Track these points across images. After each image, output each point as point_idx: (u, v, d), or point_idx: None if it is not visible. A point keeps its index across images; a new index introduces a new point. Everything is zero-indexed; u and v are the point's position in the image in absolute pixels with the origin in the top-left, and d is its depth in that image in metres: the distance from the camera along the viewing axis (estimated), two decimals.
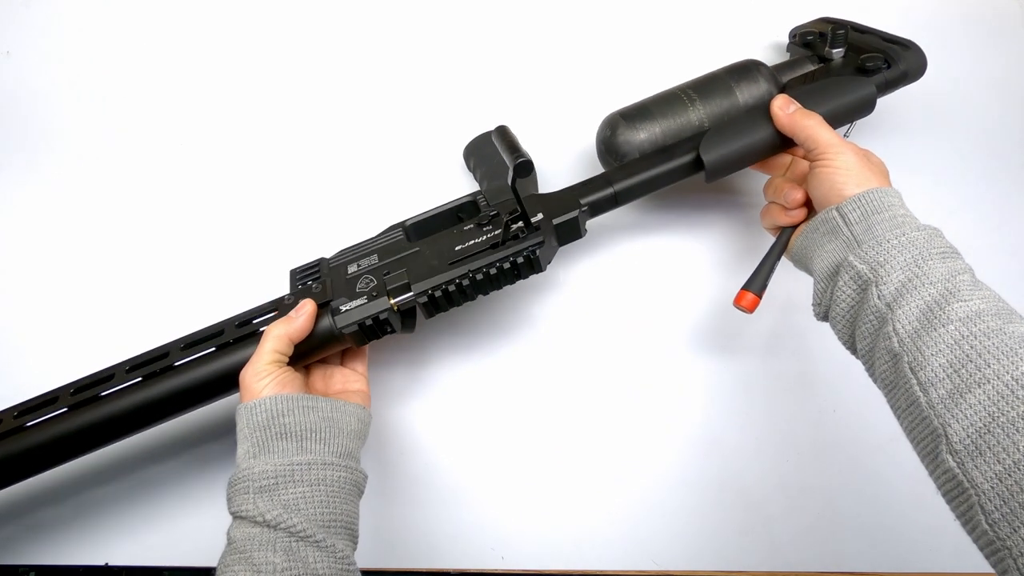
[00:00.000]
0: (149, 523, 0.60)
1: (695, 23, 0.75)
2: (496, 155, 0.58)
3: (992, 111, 0.72)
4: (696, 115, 0.57)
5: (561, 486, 0.60)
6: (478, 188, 0.61)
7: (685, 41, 0.74)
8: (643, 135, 0.57)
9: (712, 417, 0.62)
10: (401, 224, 0.57)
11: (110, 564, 0.59)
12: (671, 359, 0.64)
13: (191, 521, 0.60)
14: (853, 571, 0.58)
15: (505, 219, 0.52)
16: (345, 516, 0.46)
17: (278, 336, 0.49)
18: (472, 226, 0.53)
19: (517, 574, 0.59)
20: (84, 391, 0.51)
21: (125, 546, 0.60)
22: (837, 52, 0.58)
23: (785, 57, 0.69)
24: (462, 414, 0.63)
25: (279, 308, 0.53)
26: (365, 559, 0.50)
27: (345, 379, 0.54)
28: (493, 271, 0.52)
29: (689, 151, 0.55)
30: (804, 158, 0.55)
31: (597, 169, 0.63)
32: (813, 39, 0.61)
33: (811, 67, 0.60)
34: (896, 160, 0.67)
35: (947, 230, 0.58)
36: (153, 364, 0.52)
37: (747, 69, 0.58)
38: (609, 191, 0.54)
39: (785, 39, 0.69)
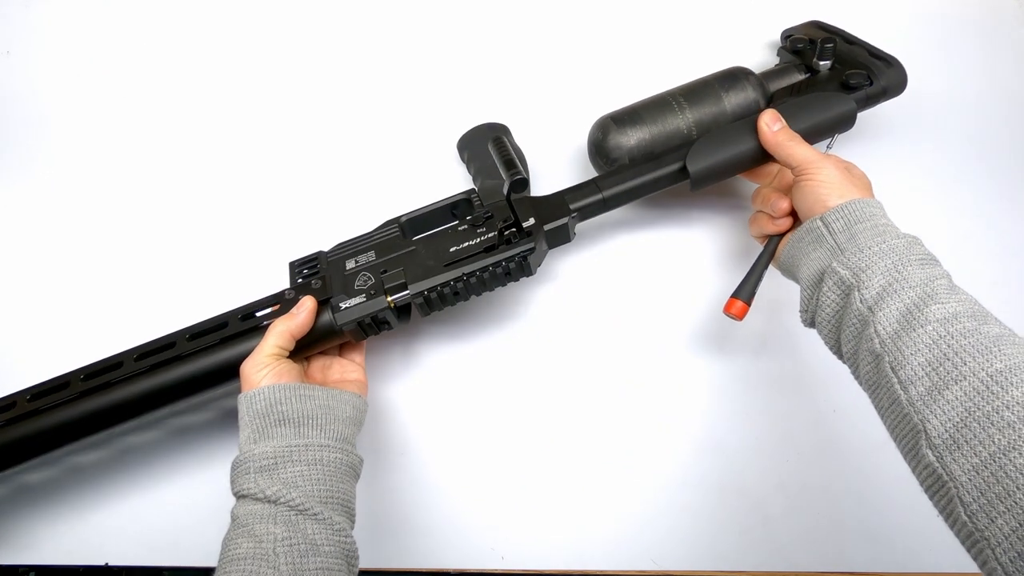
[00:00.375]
0: (149, 523, 0.61)
1: (690, 22, 0.75)
2: (490, 154, 0.60)
3: (990, 111, 0.72)
4: (684, 121, 0.59)
5: (561, 486, 0.61)
6: (471, 180, 0.63)
7: (680, 40, 0.75)
8: (633, 139, 0.59)
9: (712, 417, 0.63)
10: (397, 220, 0.58)
11: (110, 564, 0.60)
12: (670, 358, 0.64)
13: (191, 521, 0.61)
14: (853, 571, 0.58)
15: (499, 226, 0.54)
16: (342, 494, 0.49)
17: (280, 332, 0.52)
18: (466, 227, 0.56)
19: (517, 574, 0.59)
20: (94, 377, 0.54)
21: (125, 546, 0.60)
22: (824, 64, 0.60)
23: (775, 60, 0.70)
24: (462, 414, 0.64)
25: (280, 302, 0.55)
26: (365, 559, 0.51)
27: (343, 369, 0.57)
28: (486, 274, 0.54)
29: (676, 160, 0.57)
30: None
31: (588, 168, 0.64)
32: (803, 47, 0.62)
33: (798, 76, 0.62)
34: (893, 161, 0.67)
35: (943, 231, 0.59)
36: (160, 353, 0.54)
37: (736, 77, 0.60)
38: (598, 196, 0.57)
39: (777, 38, 0.69)
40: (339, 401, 0.52)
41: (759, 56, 0.72)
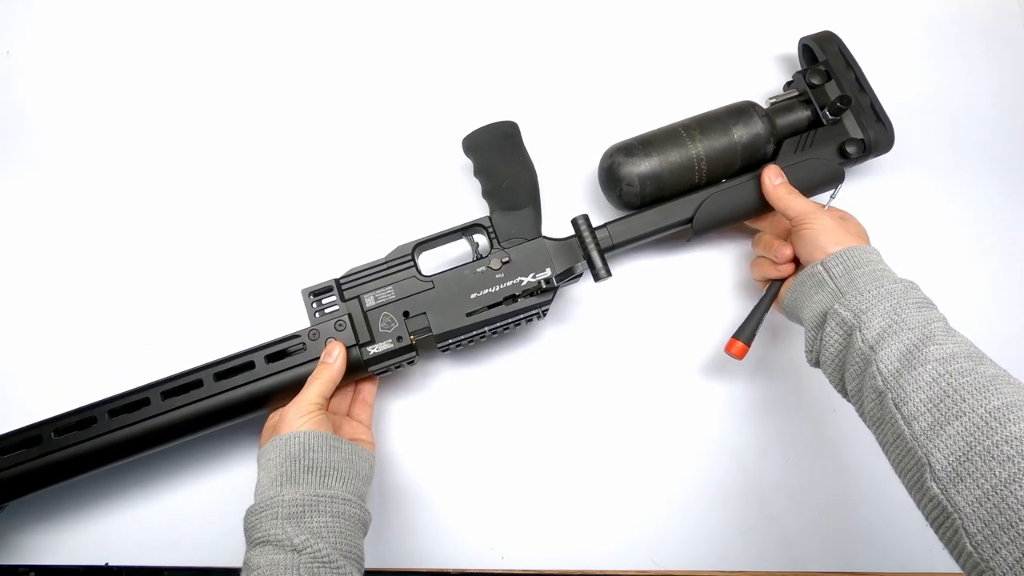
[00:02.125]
0: (150, 524, 0.61)
1: (705, 29, 0.75)
2: (505, 177, 0.60)
3: (993, 112, 0.72)
4: (695, 151, 0.61)
5: (561, 486, 0.62)
6: (477, 184, 0.63)
7: (694, 47, 0.74)
8: (644, 167, 0.61)
9: (712, 418, 0.63)
10: (410, 249, 0.59)
11: (110, 564, 0.61)
12: (671, 364, 0.65)
13: (191, 522, 0.61)
14: (853, 571, 0.60)
15: (522, 288, 0.58)
16: (357, 549, 0.51)
17: (323, 381, 0.55)
18: (484, 269, 0.58)
19: (517, 574, 0.60)
20: (121, 413, 0.56)
21: (125, 546, 0.61)
22: (831, 118, 0.63)
23: (787, 76, 0.72)
24: (463, 414, 0.64)
25: (305, 343, 0.58)
26: (367, 559, 0.52)
27: (353, 431, 0.59)
28: (507, 324, 0.59)
29: (684, 212, 0.61)
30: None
31: (595, 189, 0.65)
32: (819, 83, 0.64)
33: (803, 113, 0.64)
34: (898, 162, 0.67)
35: (947, 231, 0.59)
36: (188, 392, 0.57)
37: (746, 112, 0.62)
38: (609, 244, 0.61)
39: (793, 50, 0.70)
40: (360, 457, 0.54)
41: (775, 67, 0.73)
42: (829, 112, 0.63)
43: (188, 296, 0.67)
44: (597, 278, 0.58)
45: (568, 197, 0.68)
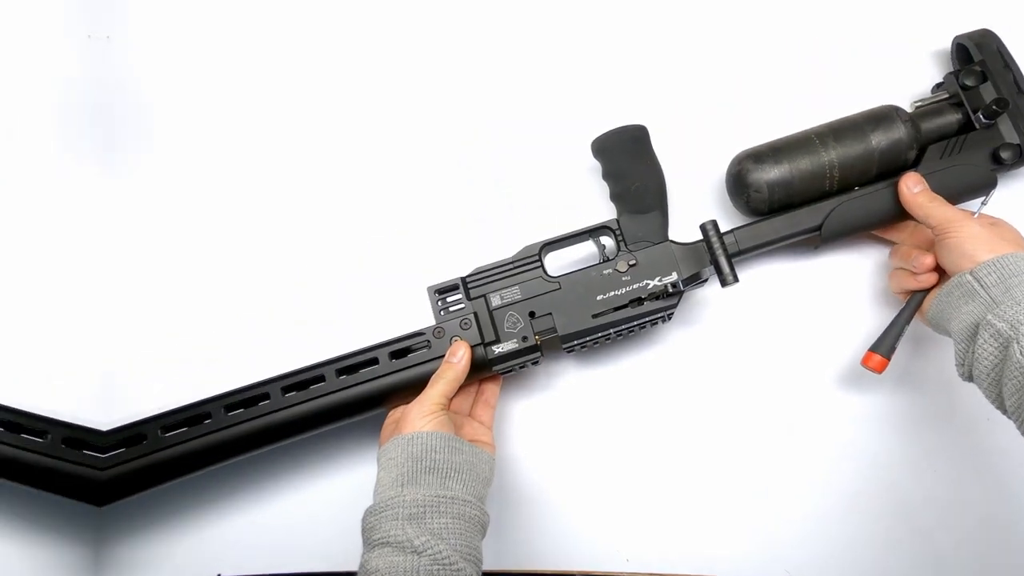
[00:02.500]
0: (262, 530, 0.61)
1: (847, 38, 0.72)
2: (634, 180, 0.60)
3: None
4: (828, 157, 0.60)
5: (688, 490, 0.62)
6: (605, 189, 0.62)
7: (835, 58, 0.72)
8: (773, 174, 0.60)
9: (847, 426, 0.63)
10: (537, 250, 0.59)
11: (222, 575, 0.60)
12: (802, 369, 0.64)
13: (306, 526, 0.61)
14: None
15: (648, 292, 0.58)
16: (476, 551, 0.50)
17: (447, 381, 0.55)
18: (611, 271, 0.58)
19: None
20: (237, 408, 0.56)
21: (237, 557, 0.60)
22: (986, 122, 0.61)
23: (938, 75, 0.69)
24: (587, 416, 0.64)
25: (430, 340, 0.57)
26: (494, 560, 0.54)
27: (475, 431, 0.58)
28: (632, 327, 0.59)
29: (812, 220, 0.61)
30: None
31: (724, 198, 0.65)
32: (973, 84, 0.62)
33: (954, 116, 0.63)
34: None
35: None
36: (309, 388, 0.56)
37: (886, 117, 0.61)
38: (736, 249, 0.60)
39: (940, 48, 0.69)
40: (480, 459, 0.54)
41: (928, 65, 0.70)
42: (983, 116, 0.61)
43: (312, 292, 0.66)
44: (724, 283, 0.58)
45: (694, 202, 0.67)
